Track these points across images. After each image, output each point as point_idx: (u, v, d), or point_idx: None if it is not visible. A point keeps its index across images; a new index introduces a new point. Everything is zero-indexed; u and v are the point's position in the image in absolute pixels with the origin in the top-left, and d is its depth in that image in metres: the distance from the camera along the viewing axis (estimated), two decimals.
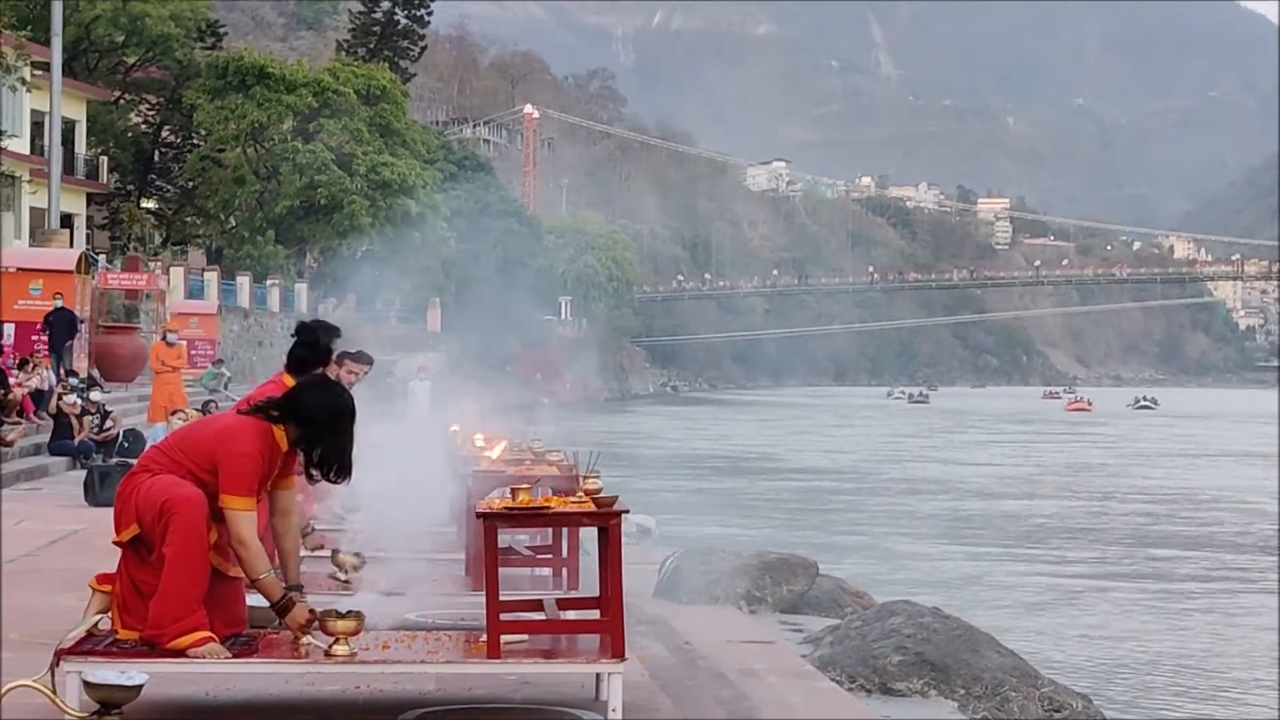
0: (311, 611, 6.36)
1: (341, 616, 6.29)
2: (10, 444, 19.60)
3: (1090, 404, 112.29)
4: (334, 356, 8.75)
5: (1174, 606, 20.44)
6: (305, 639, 6.33)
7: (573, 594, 8.28)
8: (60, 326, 28.90)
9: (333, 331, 8.50)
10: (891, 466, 47.58)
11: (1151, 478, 45.26)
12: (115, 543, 6.36)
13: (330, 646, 6.28)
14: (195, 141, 62.18)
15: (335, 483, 6.63)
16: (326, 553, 9.71)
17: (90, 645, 6.17)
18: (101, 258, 43.58)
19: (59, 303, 29.48)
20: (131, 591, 6.28)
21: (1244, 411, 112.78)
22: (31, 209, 47.24)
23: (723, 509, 30.78)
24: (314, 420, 6.43)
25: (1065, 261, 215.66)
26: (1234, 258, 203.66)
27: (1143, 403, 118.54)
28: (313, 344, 8.27)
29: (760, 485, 38.58)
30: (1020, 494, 38.47)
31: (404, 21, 77.73)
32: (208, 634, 6.18)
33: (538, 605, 7.11)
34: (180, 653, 6.15)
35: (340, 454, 6.47)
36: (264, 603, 6.95)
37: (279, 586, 6.39)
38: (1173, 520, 32.66)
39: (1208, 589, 22.09)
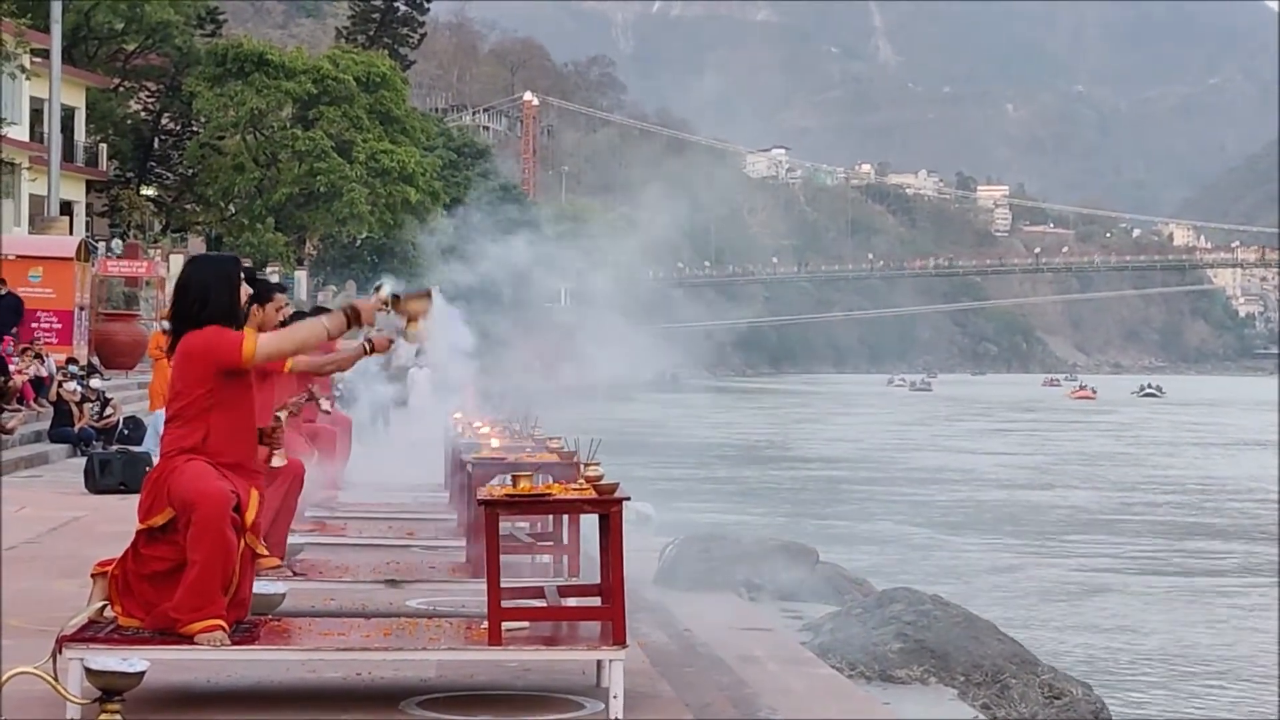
0: (377, 294, 6.56)
1: (414, 297, 6.57)
2: (11, 431, 19.60)
3: (1095, 392, 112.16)
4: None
5: (1190, 599, 20.30)
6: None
7: (573, 581, 8.29)
8: (5, 312, 28.70)
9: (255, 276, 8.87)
10: (901, 455, 47.35)
11: (1173, 468, 44.99)
12: (143, 527, 6.35)
13: (406, 327, 6.55)
14: (195, 129, 62.10)
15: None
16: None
17: (92, 632, 6.19)
18: (101, 245, 43.55)
19: (2, 290, 29.19)
20: (138, 576, 6.29)
21: (1250, 399, 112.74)
22: (31, 196, 47.20)
23: (723, 497, 30.79)
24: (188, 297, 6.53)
25: (1065, 249, 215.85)
26: (1233, 244, 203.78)
27: (1148, 390, 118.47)
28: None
29: (762, 474, 38.49)
30: (1039, 484, 38.16)
31: (403, 8, 77.62)
32: (219, 623, 6.20)
33: (539, 592, 7.13)
34: (186, 638, 6.17)
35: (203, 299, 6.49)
36: (267, 590, 6.96)
37: (340, 314, 6.52)
38: (1200, 511, 32.46)
39: (1228, 583, 21.90)
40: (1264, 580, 22.01)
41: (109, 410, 21.92)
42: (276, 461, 7.12)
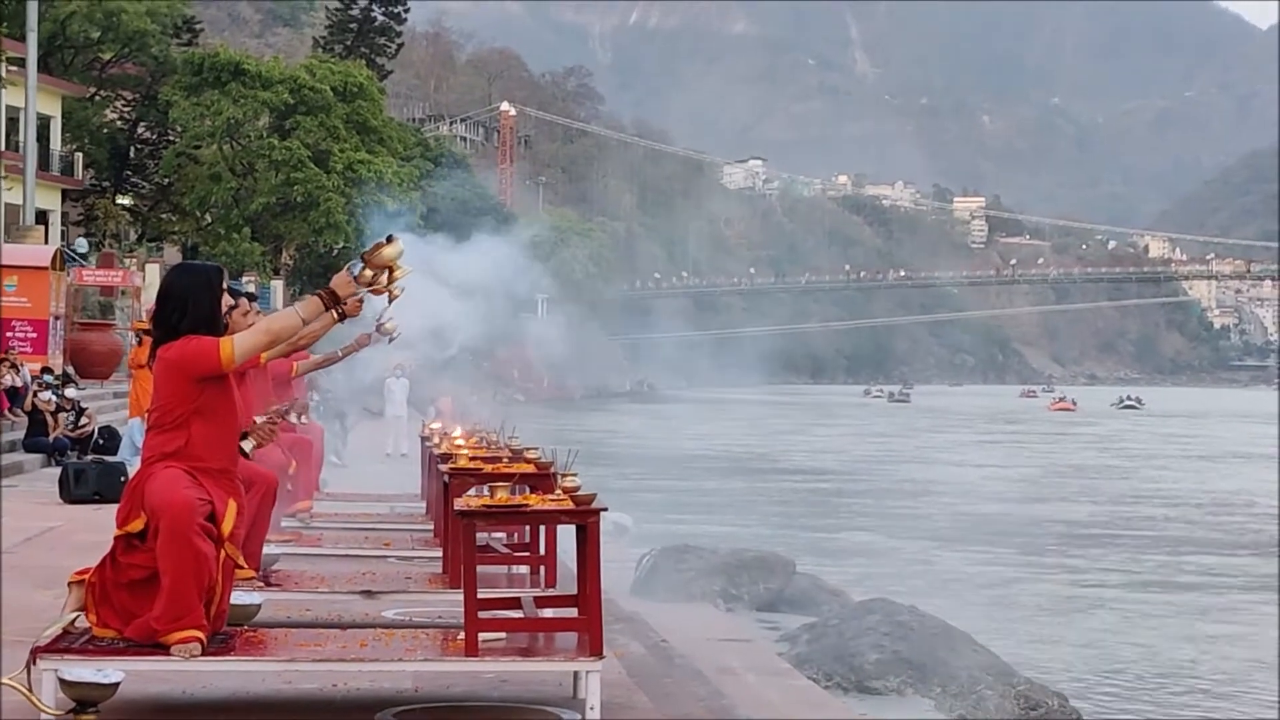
0: (348, 270, 6.48)
1: (379, 246, 6.45)
2: None
3: (1075, 403, 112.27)
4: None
5: (1179, 614, 20.13)
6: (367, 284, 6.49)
7: (550, 592, 8.27)
8: None
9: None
10: (888, 467, 46.97)
11: (1164, 481, 44.67)
12: (119, 533, 6.32)
13: (388, 279, 6.46)
14: (171, 138, 62.00)
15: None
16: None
17: (67, 643, 6.15)
18: (80, 253, 43.43)
19: None
20: (116, 585, 6.26)
21: (1229, 410, 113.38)
22: (6, 205, 47.04)
23: (700, 508, 30.71)
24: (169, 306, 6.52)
25: (1041, 260, 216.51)
26: (1209, 257, 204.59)
27: (1127, 402, 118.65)
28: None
29: (745, 486, 38.26)
30: (1030, 497, 37.74)
31: (381, 18, 77.54)
32: (197, 633, 6.17)
33: (515, 603, 7.11)
34: (161, 649, 6.14)
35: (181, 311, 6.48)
36: (243, 601, 6.94)
37: (314, 298, 6.50)
38: (1195, 525, 32.20)
39: (1218, 600, 21.64)
40: (1255, 597, 21.75)
41: (84, 420, 21.83)
42: (247, 445, 7.09)
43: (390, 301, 7.10)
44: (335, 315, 6.64)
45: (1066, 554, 26.45)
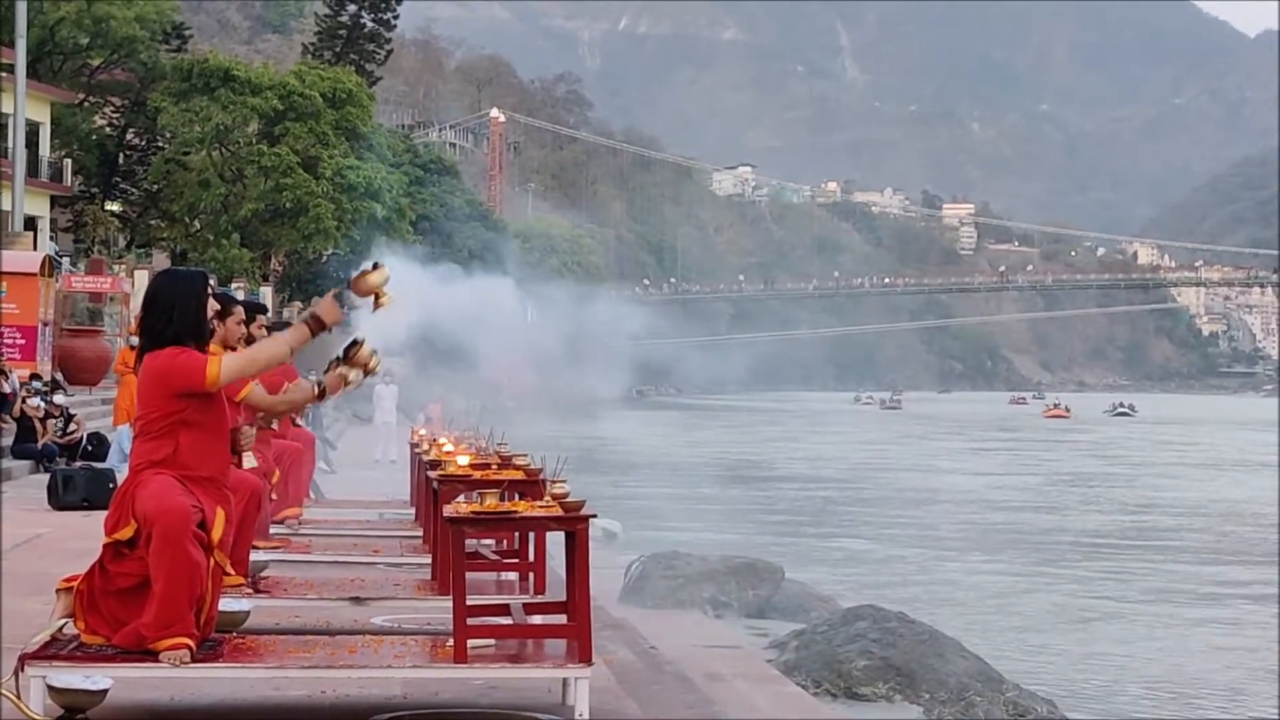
0: (334, 297, 6.57)
1: (364, 274, 6.51)
2: None
3: (1068, 410, 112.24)
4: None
5: (1179, 624, 20.00)
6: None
7: (539, 598, 8.27)
8: None
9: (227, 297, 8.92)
10: (887, 475, 46.56)
11: (1167, 489, 44.06)
12: (108, 540, 6.31)
13: (374, 304, 6.57)
14: (160, 144, 61.91)
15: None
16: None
17: (55, 649, 6.14)
18: (65, 260, 43.34)
19: None
20: (104, 592, 6.25)
21: (1222, 418, 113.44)
22: None
23: (691, 515, 30.62)
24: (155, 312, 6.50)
25: (1030, 267, 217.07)
26: (1197, 264, 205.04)
27: (1121, 409, 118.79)
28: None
29: (734, 493, 38.05)
30: (1035, 506, 37.36)
31: (370, 25, 77.44)
32: (185, 641, 6.15)
33: (504, 610, 7.11)
34: (150, 655, 6.13)
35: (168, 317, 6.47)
36: (232, 608, 6.93)
37: (302, 326, 6.54)
38: (1204, 534, 31.92)
39: (1220, 611, 21.43)
40: (1263, 608, 21.52)
41: (72, 426, 21.81)
42: (248, 462, 7.10)
43: (375, 309, 7.11)
44: (316, 390, 6.69)
45: (1073, 564, 26.14)
